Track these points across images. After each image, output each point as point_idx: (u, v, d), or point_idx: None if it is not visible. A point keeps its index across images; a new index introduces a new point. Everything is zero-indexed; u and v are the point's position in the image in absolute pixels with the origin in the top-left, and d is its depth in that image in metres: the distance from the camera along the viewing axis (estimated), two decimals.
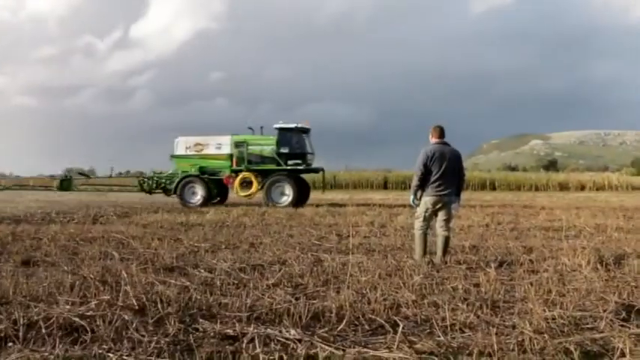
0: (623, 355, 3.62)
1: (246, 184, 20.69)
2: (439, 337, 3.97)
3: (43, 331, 3.96)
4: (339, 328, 4.19)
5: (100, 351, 3.64)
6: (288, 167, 20.79)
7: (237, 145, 21.10)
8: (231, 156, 20.96)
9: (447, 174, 7.12)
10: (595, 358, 3.64)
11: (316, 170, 22.72)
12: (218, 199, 21.58)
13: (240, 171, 20.69)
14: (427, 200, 7.21)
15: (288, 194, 20.23)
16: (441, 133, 7.37)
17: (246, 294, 5.09)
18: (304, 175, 22.15)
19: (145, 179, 22.76)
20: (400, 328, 3.97)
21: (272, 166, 20.93)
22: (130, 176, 30.54)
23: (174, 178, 21.56)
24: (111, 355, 3.58)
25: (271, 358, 3.58)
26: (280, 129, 21.15)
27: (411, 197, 7.44)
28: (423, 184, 7.23)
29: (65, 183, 24.12)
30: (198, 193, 20.57)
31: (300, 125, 21.12)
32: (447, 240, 7.28)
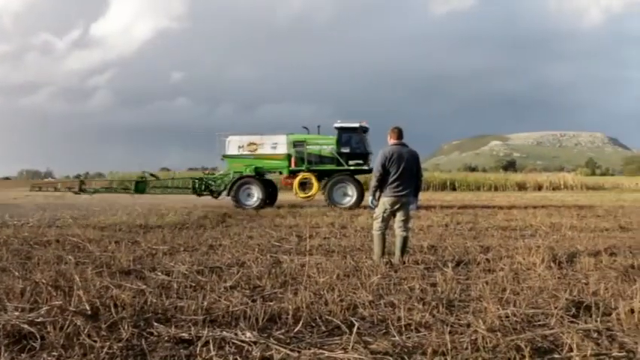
0: (570, 350, 3.71)
1: (305, 184, 20.21)
2: (394, 337, 4.00)
3: None
4: (295, 330, 4.19)
5: (50, 358, 3.56)
6: (352, 167, 20.37)
7: (296, 144, 20.56)
8: (288, 156, 20.41)
9: (404, 175, 7.19)
10: (545, 354, 3.71)
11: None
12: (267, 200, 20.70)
13: (299, 171, 20.22)
14: (385, 201, 7.27)
15: (351, 195, 19.79)
16: (399, 134, 7.44)
17: (202, 297, 5.04)
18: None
19: (196, 180, 21.88)
20: (355, 329, 3.99)
21: (333, 167, 20.42)
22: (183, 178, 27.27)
23: (221, 180, 21.01)
24: None
25: None
26: (341, 128, 20.72)
27: (370, 198, 7.50)
28: (381, 185, 7.29)
29: (141, 185, 22.27)
30: (255, 195, 19.92)
31: (362, 124, 20.68)
32: (405, 240, 7.34)
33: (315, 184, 19.94)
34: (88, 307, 4.46)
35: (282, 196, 22.04)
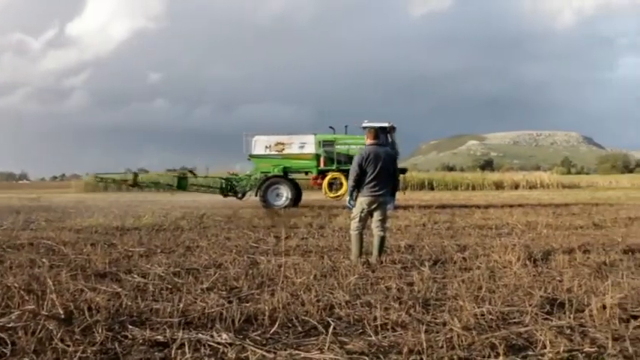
0: (544, 347, 3.75)
1: (334, 184, 19.97)
2: (370, 336, 4.01)
3: None
4: (271, 331, 4.18)
5: None
6: None
7: (325, 144, 20.38)
8: (317, 156, 20.27)
9: (381, 175, 7.21)
10: (519, 352, 3.75)
11: (403, 171, 22.10)
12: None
13: (328, 171, 20.05)
14: (363, 201, 7.29)
15: None
16: (375, 134, 7.48)
17: (178, 299, 4.99)
18: None
19: (223, 180, 21.61)
20: (331, 329, 3.99)
21: None
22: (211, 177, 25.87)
23: (246, 181, 20.78)
24: None
25: None
26: (369, 128, 20.58)
27: (347, 198, 7.52)
28: (358, 185, 7.30)
29: (183, 182, 21.88)
30: (284, 195, 19.80)
31: (390, 124, 20.51)
32: (382, 240, 7.37)
33: (345, 184, 19.65)
34: (61, 311, 4.40)
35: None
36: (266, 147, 20.44)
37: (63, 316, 4.32)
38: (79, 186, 51.71)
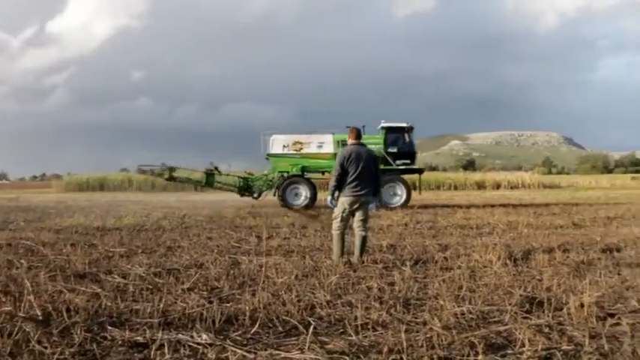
0: (523, 345, 3.79)
1: None
2: (351, 336, 4.01)
3: None
4: (252, 331, 4.16)
5: None
6: (401, 167, 20.31)
7: (344, 144, 20.23)
8: (335, 155, 20.11)
9: (363, 174, 7.22)
10: (498, 350, 3.78)
11: (420, 171, 22.32)
12: None
13: None
14: (344, 200, 7.30)
15: (400, 194, 19.82)
16: (357, 134, 7.48)
17: (159, 299, 4.96)
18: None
19: (241, 180, 21.43)
20: (311, 329, 3.99)
21: (384, 166, 19.91)
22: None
23: (262, 180, 20.63)
24: None
25: None
26: (388, 128, 20.62)
27: (329, 198, 7.52)
28: (340, 185, 7.31)
29: (210, 178, 21.54)
30: (302, 194, 19.76)
31: (408, 124, 20.66)
32: (364, 239, 7.38)
33: None
34: (39, 313, 4.35)
35: (244, 199, 21.83)
36: (284, 146, 20.41)
37: (40, 318, 4.27)
38: (59, 186, 51.26)
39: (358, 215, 7.37)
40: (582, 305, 4.69)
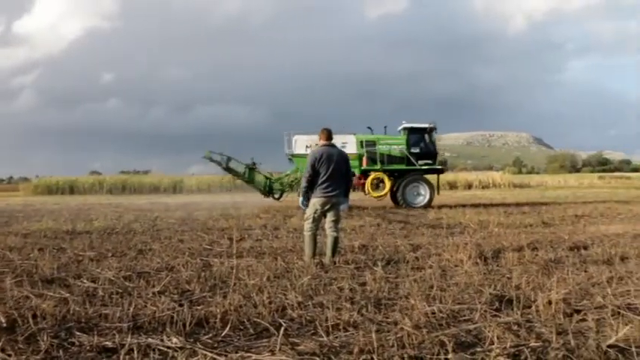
0: (492, 343, 3.83)
1: (377, 184, 20.03)
2: (322, 337, 4.01)
3: None
4: (223, 334, 4.14)
5: None
6: (424, 167, 20.40)
7: (367, 144, 20.42)
8: (359, 156, 20.21)
9: (334, 175, 7.24)
10: (467, 348, 3.81)
11: (441, 171, 22.30)
12: None
13: (370, 171, 20.08)
14: (316, 202, 7.30)
15: (423, 194, 20.01)
16: (328, 135, 7.49)
17: (128, 303, 4.89)
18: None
19: (268, 179, 21.10)
20: (282, 330, 3.99)
21: (405, 166, 20.44)
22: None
23: (285, 181, 20.41)
24: None
25: None
26: (410, 129, 20.79)
27: (300, 199, 7.52)
28: (311, 186, 7.31)
29: (252, 174, 20.96)
30: None
31: (430, 125, 20.78)
32: (335, 240, 7.39)
33: (388, 184, 19.96)
34: (3, 320, 4.27)
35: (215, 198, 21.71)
36: (307, 146, 20.15)
37: (5, 325, 4.19)
38: (27, 189, 50.33)
39: (330, 216, 7.38)
40: (550, 302, 4.77)
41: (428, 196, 20.06)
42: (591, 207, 18.75)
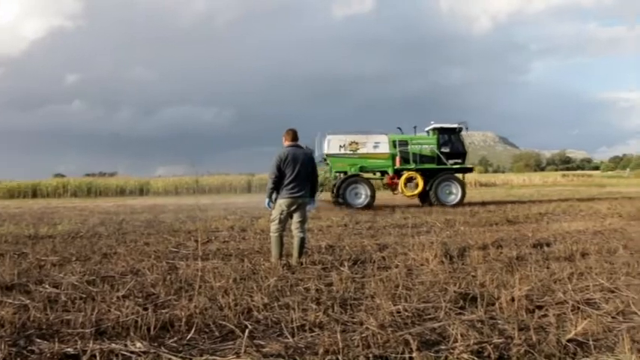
0: (456, 341, 3.88)
1: (410, 183, 20.21)
2: (287, 338, 4.01)
3: None
4: (188, 337, 4.10)
5: None
6: (455, 167, 20.69)
7: (400, 144, 20.59)
8: (392, 155, 20.37)
9: (300, 176, 7.23)
10: (432, 347, 3.85)
11: (470, 170, 22.69)
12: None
13: (404, 170, 20.23)
14: (282, 202, 7.29)
15: (455, 193, 20.31)
16: (294, 136, 7.48)
17: (92, 308, 4.81)
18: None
19: None
20: (247, 333, 3.97)
21: (437, 166, 20.66)
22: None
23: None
24: None
25: None
26: (440, 129, 21.06)
27: (266, 200, 7.48)
28: (277, 187, 7.29)
29: None
30: (362, 194, 19.74)
31: (459, 125, 21.07)
32: (302, 241, 7.39)
33: (421, 183, 20.13)
34: None
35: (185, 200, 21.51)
36: (340, 146, 20.43)
37: None
38: None
39: (296, 217, 7.37)
40: (513, 299, 4.86)
41: (460, 195, 20.48)
42: (554, 205, 19.11)
